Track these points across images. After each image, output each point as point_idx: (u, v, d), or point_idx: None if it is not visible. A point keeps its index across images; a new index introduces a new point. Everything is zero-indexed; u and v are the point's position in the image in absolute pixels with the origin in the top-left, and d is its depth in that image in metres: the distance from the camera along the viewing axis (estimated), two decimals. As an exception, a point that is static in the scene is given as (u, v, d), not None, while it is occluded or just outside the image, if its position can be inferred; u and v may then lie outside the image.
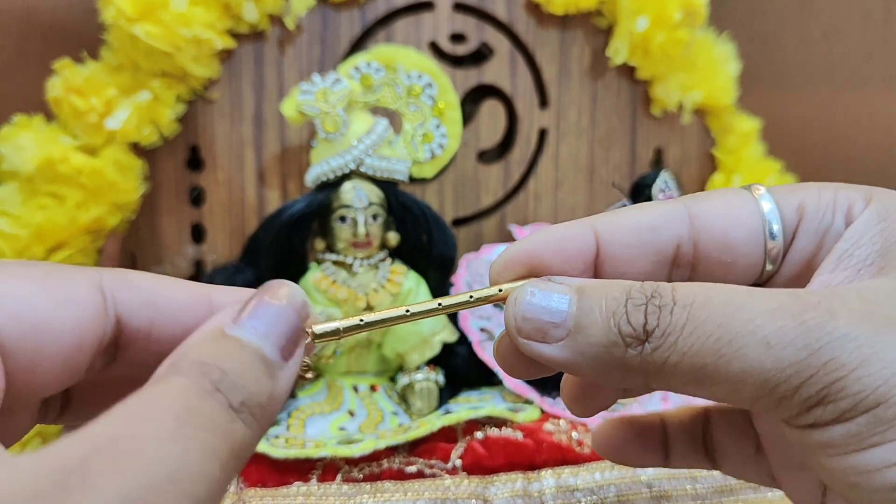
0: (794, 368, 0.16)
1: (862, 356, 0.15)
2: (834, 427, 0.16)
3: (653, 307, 0.17)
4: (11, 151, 0.47)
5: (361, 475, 0.36)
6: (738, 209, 0.20)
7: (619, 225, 0.20)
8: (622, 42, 0.56)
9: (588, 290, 0.18)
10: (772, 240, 0.20)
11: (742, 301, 0.16)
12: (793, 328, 0.16)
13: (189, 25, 0.48)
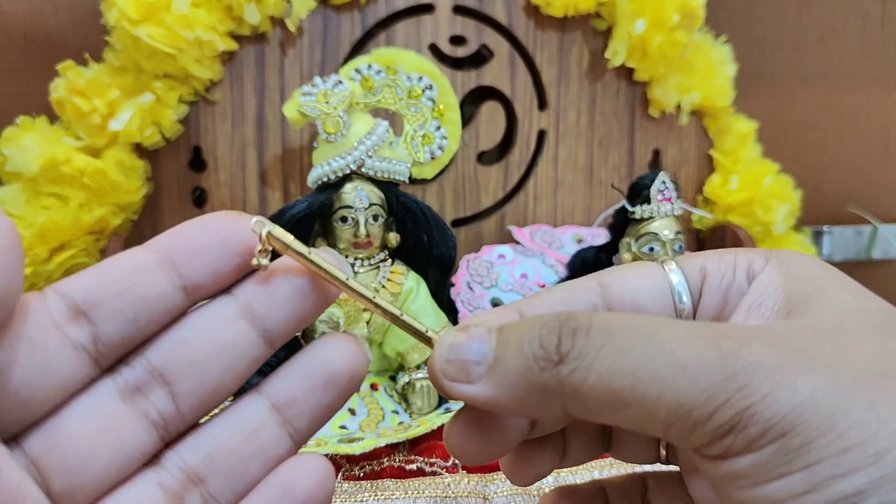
0: (709, 393, 0.16)
1: (773, 382, 0.16)
2: (744, 457, 0.16)
3: (567, 330, 0.17)
4: (15, 152, 0.47)
5: (362, 473, 0.36)
6: (647, 277, 0.21)
7: (537, 304, 0.21)
8: (621, 44, 0.56)
9: (507, 328, 0.19)
10: (681, 304, 0.21)
11: (660, 326, 0.17)
12: (708, 353, 0.16)
13: (191, 27, 0.48)
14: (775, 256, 0.21)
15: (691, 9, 0.55)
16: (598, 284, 0.21)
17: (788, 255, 0.21)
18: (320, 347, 0.20)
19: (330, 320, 0.42)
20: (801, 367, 0.16)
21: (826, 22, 0.78)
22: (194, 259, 0.18)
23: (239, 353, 0.19)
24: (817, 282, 0.19)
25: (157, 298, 0.18)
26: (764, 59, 0.77)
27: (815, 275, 0.19)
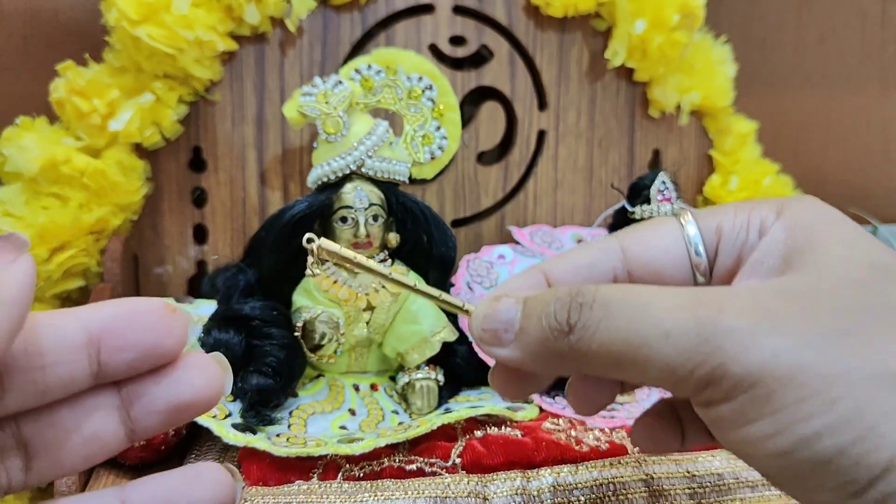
0: (688, 355, 0.19)
1: (742, 344, 0.18)
2: (724, 405, 0.19)
3: (575, 305, 0.21)
4: (15, 153, 0.47)
5: (362, 473, 0.37)
6: (665, 238, 0.24)
7: (562, 267, 0.24)
8: (620, 44, 0.56)
9: (529, 301, 0.22)
10: (697, 257, 0.23)
11: (650, 299, 0.20)
12: (688, 321, 0.19)
13: (191, 28, 0.48)
14: (786, 210, 0.22)
15: (691, 9, 0.55)
16: (619, 247, 0.24)
17: (798, 208, 0.22)
18: (191, 479, 0.19)
19: (330, 321, 0.42)
20: (768, 328, 0.18)
21: (826, 22, 0.78)
22: (119, 352, 0.18)
23: (100, 447, 0.19)
24: (816, 235, 0.21)
25: (70, 381, 0.18)
26: (764, 59, 0.77)
27: (816, 227, 0.21)
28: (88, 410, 0.19)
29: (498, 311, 0.22)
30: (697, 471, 0.37)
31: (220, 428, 0.36)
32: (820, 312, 0.19)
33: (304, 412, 0.41)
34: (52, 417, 0.18)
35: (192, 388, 0.19)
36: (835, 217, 0.22)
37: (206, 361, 0.20)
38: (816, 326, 0.18)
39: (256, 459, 0.36)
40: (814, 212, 0.22)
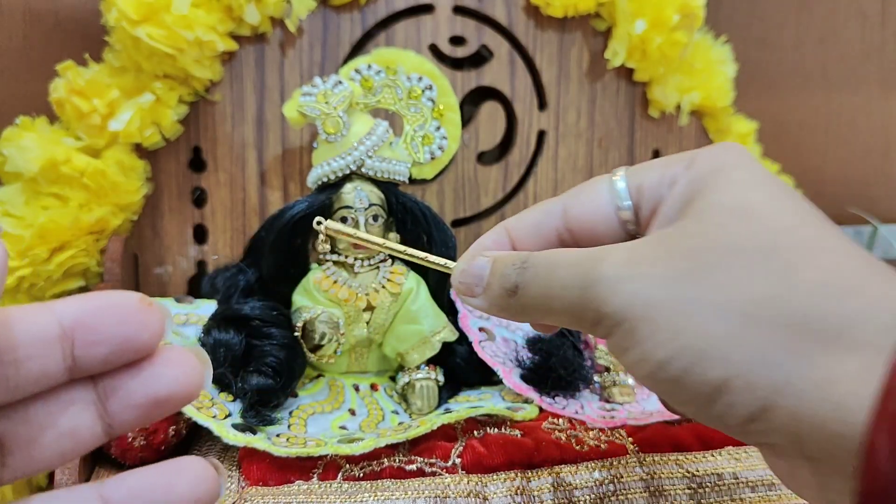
0: (578, 301, 0.23)
1: (611, 289, 0.22)
2: (609, 340, 0.23)
3: (520, 270, 0.25)
4: (15, 153, 0.47)
5: (362, 473, 0.37)
6: (598, 196, 0.27)
7: (518, 226, 0.28)
8: (620, 44, 0.56)
9: (496, 261, 0.27)
10: (624, 212, 0.26)
11: (558, 260, 0.25)
12: (576, 275, 0.24)
13: (191, 28, 0.48)
14: (695, 161, 0.25)
15: (691, 9, 0.55)
16: (562, 208, 0.28)
17: (705, 157, 0.25)
18: (172, 473, 0.19)
19: (330, 321, 0.42)
20: (631, 274, 0.22)
21: (826, 22, 0.78)
22: (93, 346, 0.18)
23: (76, 443, 0.19)
24: (708, 184, 0.23)
25: (43, 376, 0.17)
26: (764, 60, 0.77)
27: (712, 176, 0.24)
28: (63, 405, 0.18)
29: (473, 267, 0.27)
30: (697, 471, 0.37)
31: (220, 428, 0.36)
32: (674, 256, 0.22)
33: (304, 412, 0.41)
34: (26, 413, 0.18)
35: (170, 382, 0.19)
36: (736, 162, 0.24)
37: (184, 355, 0.19)
38: (669, 269, 0.22)
39: (256, 459, 0.36)
40: (719, 160, 0.24)
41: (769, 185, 0.23)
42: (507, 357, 0.45)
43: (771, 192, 0.23)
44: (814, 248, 0.21)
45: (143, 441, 0.37)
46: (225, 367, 0.40)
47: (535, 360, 0.45)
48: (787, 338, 0.20)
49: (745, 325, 0.20)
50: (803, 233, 0.21)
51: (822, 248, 0.21)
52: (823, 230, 0.21)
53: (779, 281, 0.20)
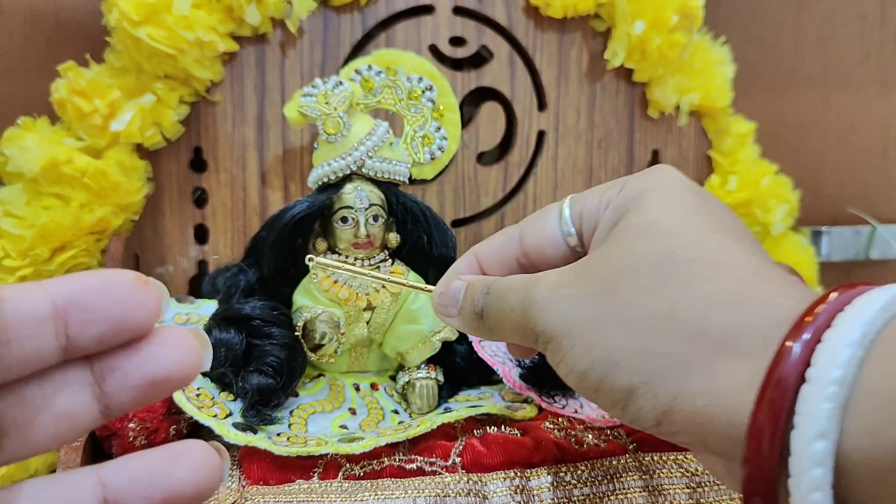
0: (522, 322, 0.26)
1: (543, 311, 0.25)
2: (546, 353, 0.26)
3: (485, 296, 0.29)
4: (16, 153, 0.47)
5: (362, 472, 0.37)
6: (548, 223, 0.30)
7: (484, 252, 0.31)
8: (620, 45, 0.56)
9: (469, 286, 0.30)
10: (569, 237, 0.29)
11: (510, 285, 0.28)
12: (519, 298, 0.27)
13: (192, 28, 0.48)
14: (626, 186, 0.27)
15: (690, 10, 0.55)
16: (518, 235, 0.31)
17: (633, 184, 0.27)
18: (173, 457, 0.19)
19: (330, 320, 0.42)
20: (556, 297, 0.25)
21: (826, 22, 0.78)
22: (88, 325, 0.17)
23: (73, 424, 0.18)
24: (630, 208, 0.26)
25: (36, 356, 0.17)
26: (763, 60, 0.77)
27: (634, 201, 0.26)
28: (59, 387, 0.18)
29: (450, 290, 0.31)
30: (696, 470, 0.37)
31: (220, 427, 0.36)
32: (592, 277, 0.25)
33: (304, 412, 0.41)
34: (21, 394, 0.17)
35: (168, 363, 0.18)
36: (658, 185, 0.26)
37: (183, 335, 0.19)
38: (586, 290, 0.25)
39: (257, 458, 0.36)
40: (644, 184, 0.26)
41: (682, 204, 0.25)
42: (507, 356, 0.46)
43: (681, 210, 0.25)
44: (711, 262, 0.23)
45: (145, 440, 0.37)
46: (226, 367, 0.40)
47: (535, 359, 0.45)
48: (684, 349, 0.22)
49: (648, 338, 0.23)
50: (703, 248, 0.23)
51: (719, 262, 0.23)
52: (724, 245, 0.23)
53: (677, 296, 0.22)
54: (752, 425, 0.20)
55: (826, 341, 0.19)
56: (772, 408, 0.19)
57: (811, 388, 0.19)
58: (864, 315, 0.19)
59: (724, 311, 0.22)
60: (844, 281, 0.23)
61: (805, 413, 0.19)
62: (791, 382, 0.19)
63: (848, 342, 0.19)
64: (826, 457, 0.18)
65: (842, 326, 0.19)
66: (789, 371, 0.19)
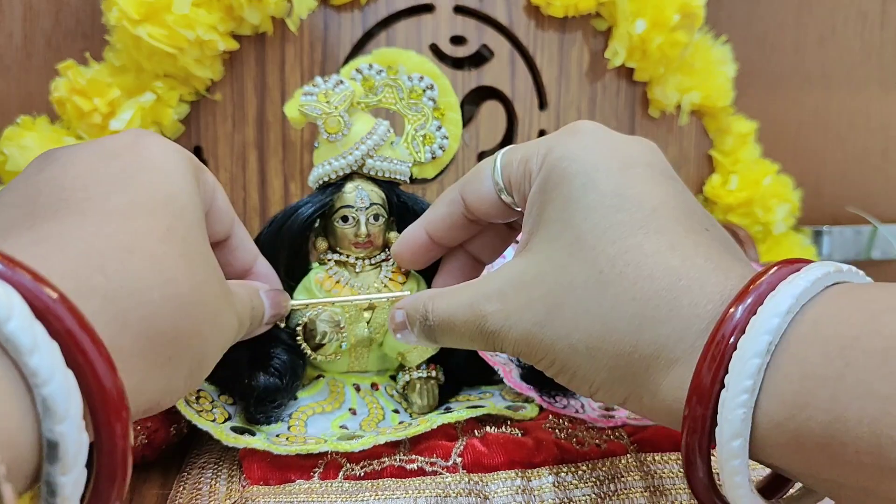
0: (489, 348, 0.30)
1: (502, 341, 0.28)
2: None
3: (428, 329, 0.32)
4: (16, 152, 0.47)
5: (363, 472, 0.37)
6: (485, 183, 0.32)
7: (431, 223, 0.34)
8: (621, 44, 0.56)
9: (407, 314, 0.33)
10: (506, 197, 0.31)
11: (455, 323, 0.30)
12: (474, 333, 0.29)
13: (192, 27, 0.48)
14: (546, 164, 0.28)
15: (691, 9, 0.55)
16: (460, 197, 0.33)
17: (551, 162, 0.28)
18: None
19: (331, 320, 0.42)
20: (508, 326, 0.28)
21: (826, 22, 0.78)
22: None
23: None
24: (551, 201, 0.28)
25: None
26: (764, 59, 0.77)
27: (554, 192, 0.28)
28: None
29: (394, 316, 0.34)
30: (697, 470, 0.37)
31: (219, 432, 0.36)
32: (534, 302, 0.27)
33: (303, 413, 0.41)
34: None
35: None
36: (580, 166, 0.27)
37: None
38: (532, 316, 0.27)
39: (257, 459, 0.36)
40: (564, 165, 0.28)
41: (601, 199, 0.26)
42: (508, 356, 0.45)
43: (602, 209, 0.26)
44: (635, 276, 0.25)
45: (145, 440, 0.37)
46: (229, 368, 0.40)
47: (536, 359, 0.45)
48: (623, 364, 0.25)
49: (592, 357, 0.26)
50: (625, 260, 0.25)
51: (643, 275, 0.25)
52: (646, 249, 0.25)
53: (608, 318, 0.25)
54: (685, 415, 0.23)
55: (735, 358, 0.22)
56: (700, 402, 0.22)
57: (726, 393, 0.22)
58: (756, 346, 0.21)
59: (651, 327, 0.24)
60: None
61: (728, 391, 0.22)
62: (716, 389, 0.22)
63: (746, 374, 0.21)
64: (745, 425, 0.22)
65: (742, 350, 0.22)
66: (711, 376, 0.22)
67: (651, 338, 0.24)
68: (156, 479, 0.37)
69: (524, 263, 0.28)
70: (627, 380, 0.25)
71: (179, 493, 0.35)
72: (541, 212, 0.28)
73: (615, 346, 0.25)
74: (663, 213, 0.26)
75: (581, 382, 0.27)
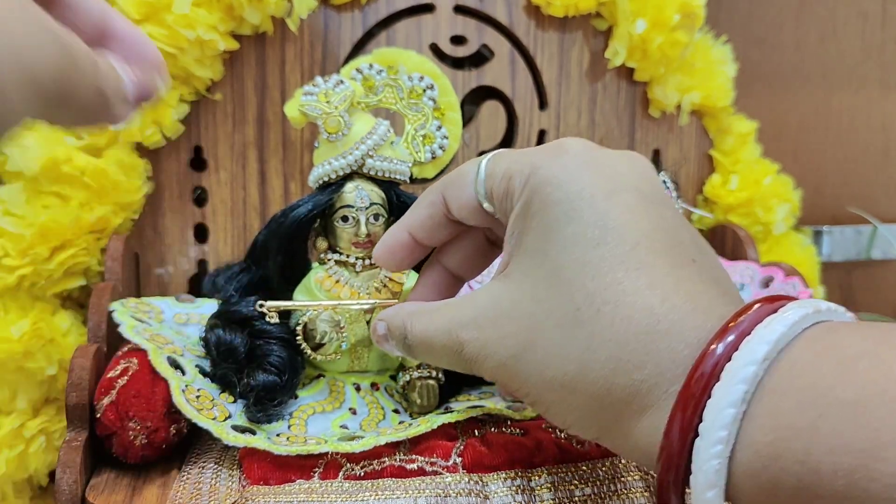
0: (467, 371, 0.29)
1: (480, 367, 0.28)
2: None
3: (406, 347, 0.32)
4: (16, 152, 0.47)
5: (363, 472, 0.37)
6: (467, 188, 0.31)
7: (413, 225, 0.33)
8: (621, 44, 0.56)
9: (388, 328, 0.33)
10: (487, 206, 0.31)
11: (433, 344, 0.30)
12: (452, 358, 0.29)
13: (192, 27, 0.48)
14: (529, 186, 0.28)
15: (692, 9, 0.55)
16: (441, 198, 0.32)
17: (533, 187, 0.27)
18: None
19: (331, 320, 0.42)
20: (485, 355, 0.28)
21: (826, 22, 0.78)
22: None
23: None
24: (526, 234, 0.27)
25: None
26: (764, 59, 0.77)
27: (533, 220, 0.27)
28: None
29: (376, 328, 0.34)
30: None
31: (219, 430, 0.36)
32: (509, 335, 0.27)
33: (304, 412, 0.41)
34: None
35: None
36: (563, 195, 0.26)
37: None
38: (508, 349, 0.27)
39: (257, 458, 0.36)
40: (546, 193, 0.27)
41: (584, 232, 0.25)
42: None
43: (584, 242, 0.25)
44: (612, 317, 0.24)
45: (145, 440, 0.37)
46: (228, 366, 0.40)
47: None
48: (595, 406, 0.25)
49: (565, 395, 0.25)
50: (604, 298, 0.24)
51: (621, 315, 0.24)
52: (625, 286, 0.24)
53: (583, 359, 0.25)
54: (660, 460, 0.23)
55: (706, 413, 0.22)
56: (673, 451, 0.22)
57: (700, 442, 0.22)
58: (731, 396, 0.21)
59: (626, 372, 0.24)
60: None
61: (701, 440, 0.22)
62: (689, 437, 0.22)
63: (726, 403, 0.21)
64: (721, 466, 0.21)
65: (717, 398, 0.22)
66: (685, 423, 0.22)
67: (626, 382, 0.24)
68: (156, 479, 0.37)
69: (501, 291, 0.28)
70: (600, 420, 0.25)
71: (179, 493, 0.35)
72: (520, 238, 0.28)
73: (589, 387, 0.24)
74: (646, 246, 0.25)
75: (554, 417, 0.27)
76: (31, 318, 0.47)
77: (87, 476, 0.37)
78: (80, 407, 0.37)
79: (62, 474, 0.35)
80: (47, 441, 0.49)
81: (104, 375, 0.39)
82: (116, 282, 0.48)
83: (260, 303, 0.39)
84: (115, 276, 0.48)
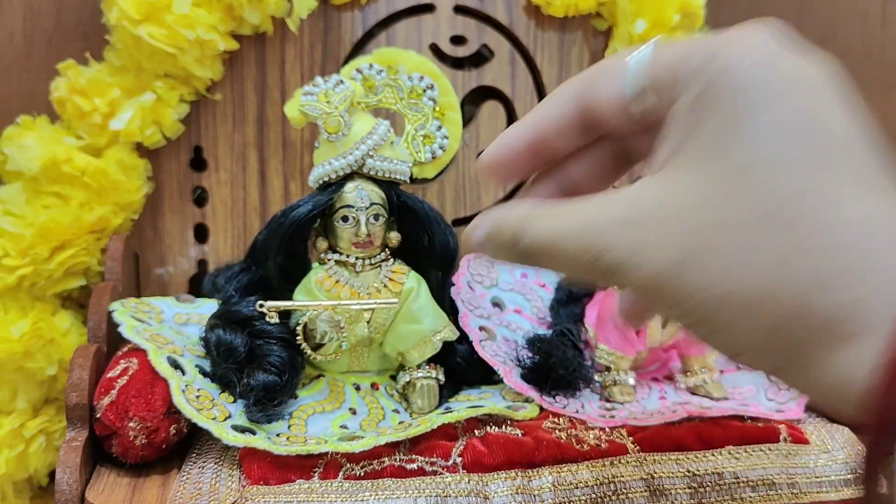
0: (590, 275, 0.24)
1: (626, 274, 0.23)
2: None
3: (517, 236, 0.26)
4: (16, 152, 0.47)
5: (363, 472, 0.37)
6: (610, 89, 0.26)
7: (538, 118, 0.28)
8: (621, 44, 0.56)
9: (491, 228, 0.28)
10: (637, 102, 0.25)
11: (560, 244, 0.25)
12: (577, 233, 0.24)
13: (192, 27, 0.48)
14: (709, 72, 0.23)
15: (692, 9, 0.55)
16: (581, 96, 0.27)
17: (722, 68, 0.23)
18: None
19: (331, 320, 0.42)
20: (639, 262, 0.22)
21: (826, 22, 0.78)
22: None
23: None
24: (717, 116, 0.22)
25: None
26: (764, 60, 0.77)
27: (723, 107, 0.22)
28: None
29: (473, 231, 0.28)
30: (698, 470, 0.37)
31: (219, 430, 0.36)
32: (677, 233, 0.22)
33: (304, 412, 0.41)
34: None
35: None
36: (756, 86, 0.22)
37: None
38: (672, 251, 0.22)
39: (257, 458, 0.36)
40: (738, 77, 0.22)
41: (779, 129, 0.21)
42: (508, 356, 0.45)
43: (779, 141, 0.21)
44: (813, 226, 0.20)
45: (145, 440, 0.37)
46: (228, 366, 0.40)
47: (536, 359, 0.45)
48: (786, 329, 0.20)
49: (746, 315, 0.21)
50: (802, 203, 0.20)
51: (823, 225, 0.20)
52: (826, 197, 0.20)
53: (773, 273, 0.20)
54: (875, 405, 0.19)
55: None
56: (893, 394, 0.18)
57: None
58: None
59: (828, 291, 0.20)
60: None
61: None
62: None
63: None
64: None
65: None
66: None
67: (827, 303, 0.20)
68: (156, 479, 0.37)
69: (661, 189, 0.23)
70: (787, 348, 0.21)
71: (179, 493, 0.35)
72: (693, 129, 0.23)
73: (777, 306, 0.20)
74: (852, 150, 0.21)
75: (722, 341, 0.22)
76: (31, 318, 0.47)
77: (86, 476, 0.37)
78: (80, 407, 0.37)
79: (62, 474, 0.35)
80: (47, 441, 0.49)
81: (104, 375, 0.39)
82: (116, 282, 0.48)
83: (260, 303, 0.39)
84: (115, 276, 0.48)
